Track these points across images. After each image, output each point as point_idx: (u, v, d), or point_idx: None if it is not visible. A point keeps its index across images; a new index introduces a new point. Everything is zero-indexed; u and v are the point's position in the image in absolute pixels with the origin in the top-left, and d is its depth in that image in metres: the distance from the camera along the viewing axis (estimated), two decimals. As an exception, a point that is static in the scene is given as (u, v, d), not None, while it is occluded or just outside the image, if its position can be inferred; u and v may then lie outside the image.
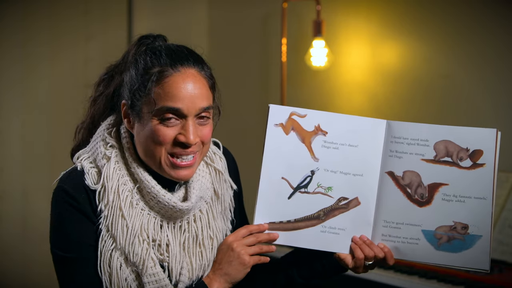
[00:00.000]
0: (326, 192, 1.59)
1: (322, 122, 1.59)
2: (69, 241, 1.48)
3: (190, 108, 1.47)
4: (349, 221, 1.58)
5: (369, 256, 1.56)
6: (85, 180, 1.49)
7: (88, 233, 1.48)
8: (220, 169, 1.65)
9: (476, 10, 2.91)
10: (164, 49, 1.51)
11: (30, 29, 3.44)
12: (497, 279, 2.42)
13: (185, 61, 1.49)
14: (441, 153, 1.56)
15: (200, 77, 1.50)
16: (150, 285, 1.49)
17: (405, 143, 1.58)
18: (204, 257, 1.57)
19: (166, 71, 1.47)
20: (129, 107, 1.50)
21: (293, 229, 1.58)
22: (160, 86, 1.46)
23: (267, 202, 1.58)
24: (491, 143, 1.55)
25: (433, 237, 1.55)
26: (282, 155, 1.59)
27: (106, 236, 1.48)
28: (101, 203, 1.48)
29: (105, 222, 1.48)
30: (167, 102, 1.46)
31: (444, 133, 1.56)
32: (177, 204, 1.51)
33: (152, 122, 1.47)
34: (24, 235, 3.43)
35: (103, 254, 1.47)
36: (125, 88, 1.52)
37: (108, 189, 1.48)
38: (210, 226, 1.59)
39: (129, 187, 1.51)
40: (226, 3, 3.91)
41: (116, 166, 1.51)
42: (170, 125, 1.46)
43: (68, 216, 1.48)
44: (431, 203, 1.56)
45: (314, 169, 1.59)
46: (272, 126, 1.59)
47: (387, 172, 1.58)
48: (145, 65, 1.49)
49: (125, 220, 1.48)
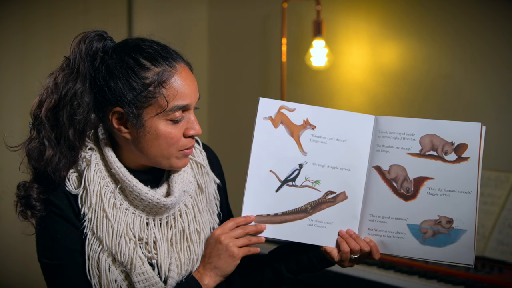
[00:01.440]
0: (313, 186, 1.60)
1: (311, 116, 1.60)
2: (55, 249, 1.48)
3: (193, 102, 1.50)
4: (336, 215, 1.59)
5: (354, 250, 1.57)
6: (66, 186, 1.49)
7: (73, 239, 1.48)
8: (201, 162, 1.65)
9: (476, 10, 2.91)
10: (151, 49, 1.48)
11: (30, 29, 3.44)
12: (497, 279, 2.42)
13: (175, 56, 1.50)
14: (426, 147, 1.57)
15: (188, 68, 1.52)
16: (140, 284, 1.49)
17: (391, 138, 1.58)
18: (192, 251, 1.57)
19: (167, 71, 1.46)
20: (126, 115, 1.46)
21: (280, 222, 1.59)
22: (167, 87, 1.46)
23: (255, 195, 1.59)
24: (476, 137, 1.55)
25: (419, 231, 1.55)
26: (270, 148, 1.60)
27: (92, 239, 1.48)
28: (83, 206, 1.48)
29: (90, 225, 1.48)
30: (178, 101, 1.47)
31: (429, 127, 1.57)
32: (161, 199, 1.52)
33: (160, 125, 1.47)
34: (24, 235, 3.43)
35: (90, 257, 1.48)
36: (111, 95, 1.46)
37: (90, 192, 1.48)
38: (196, 219, 1.59)
39: (111, 188, 1.50)
40: (226, 3, 3.91)
41: (96, 169, 1.50)
42: (180, 124, 1.49)
43: (52, 223, 1.48)
44: (416, 197, 1.56)
45: (302, 162, 1.60)
46: (261, 119, 1.61)
47: (374, 167, 1.59)
48: (138, 70, 1.45)
49: (110, 221, 1.48)
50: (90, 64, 1.49)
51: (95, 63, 1.49)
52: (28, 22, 3.43)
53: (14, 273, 3.45)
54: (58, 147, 1.49)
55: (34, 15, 3.45)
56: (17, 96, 3.43)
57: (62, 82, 1.49)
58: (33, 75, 3.41)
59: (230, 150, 1.83)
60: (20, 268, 3.46)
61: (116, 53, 1.48)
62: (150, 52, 1.47)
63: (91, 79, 1.49)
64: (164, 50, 1.49)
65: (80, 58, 1.49)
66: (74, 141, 1.50)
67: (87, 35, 1.51)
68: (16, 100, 3.43)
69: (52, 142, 1.49)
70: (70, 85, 1.48)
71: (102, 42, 1.51)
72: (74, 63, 1.49)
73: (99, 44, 1.50)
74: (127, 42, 1.51)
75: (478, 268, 2.52)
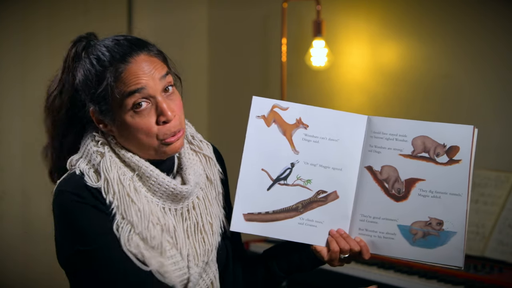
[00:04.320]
0: (305, 185, 1.59)
1: (304, 116, 1.60)
2: (88, 235, 1.47)
3: (152, 85, 1.48)
4: (327, 214, 1.58)
5: (344, 249, 1.56)
6: (86, 182, 1.50)
7: (103, 224, 1.48)
8: (209, 155, 1.66)
9: (476, 10, 2.91)
10: (106, 48, 1.51)
11: (30, 29, 3.44)
12: (497, 279, 2.42)
13: (131, 51, 1.50)
14: (418, 148, 1.56)
15: (151, 58, 1.51)
16: (169, 267, 1.49)
17: (384, 138, 1.58)
18: (207, 242, 1.57)
19: (120, 68, 1.48)
20: (99, 113, 1.51)
21: (271, 220, 1.59)
22: (119, 82, 1.48)
23: (247, 193, 1.59)
24: (468, 140, 1.54)
25: (409, 232, 1.55)
26: (262, 147, 1.60)
27: (122, 223, 1.48)
28: (108, 196, 1.49)
29: (119, 212, 1.48)
30: (129, 88, 1.47)
31: (422, 129, 1.57)
32: (177, 186, 1.53)
33: (126, 117, 1.48)
34: (24, 235, 3.43)
35: (123, 239, 1.47)
36: (83, 96, 1.53)
37: (111, 181, 1.49)
38: (208, 211, 1.60)
39: (128, 176, 1.51)
40: (226, 3, 3.91)
41: (111, 159, 1.52)
42: (145, 112, 1.48)
43: (80, 211, 1.47)
44: (407, 198, 1.56)
45: (294, 161, 1.60)
46: (254, 118, 1.61)
47: (366, 167, 1.58)
48: (96, 70, 1.49)
49: (136, 204, 1.49)
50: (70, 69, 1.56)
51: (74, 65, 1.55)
52: (28, 22, 3.43)
53: (14, 273, 3.45)
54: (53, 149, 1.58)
55: (34, 15, 3.45)
56: (17, 96, 3.44)
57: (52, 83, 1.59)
58: (33, 76, 3.41)
59: (230, 150, 1.83)
60: (20, 268, 3.47)
61: (82, 56, 1.54)
62: (103, 52, 1.50)
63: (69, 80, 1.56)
64: (120, 46, 1.51)
65: (65, 64, 1.56)
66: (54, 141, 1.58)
67: (73, 40, 1.57)
68: (16, 100, 3.44)
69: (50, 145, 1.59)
70: (54, 85, 1.58)
71: (82, 46, 1.56)
72: (64, 65, 1.57)
73: (78, 49, 1.56)
74: (90, 44, 1.56)
75: (478, 268, 2.52)
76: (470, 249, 2.62)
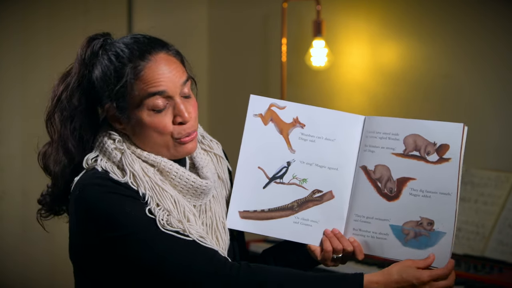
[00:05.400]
0: (301, 184, 1.60)
1: (301, 115, 1.61)
2: (122, 220, 1.45)
3: (173, 88, 1.50)
4: (322, 214, 1.58)
5: (337, 249, 1.56)
6: (112, 178, 1.49)
7: (137, 208, 1.47)
8: (220, 154, 1.68)
9: (476, 10, 2.91)
10: (125, 45, 1.52)
11: (30, 29, 3.44)
12: (497, 279, 2.42)
13: (151, 48, 1.52)
14: (410, 147, 1.55)
15: (170, 57, 1.53)
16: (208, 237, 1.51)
17: (377, 137, 1.57)
18: (220, 241, 1.58)
19: (139, 65, 1.49)
20: (116, 110, 1.51)
21: (266, 218, 1.59)
22: (139, 80, 1.49)
23: (243, 191, 1.60)
24: (458, 138, 1.52)
25: (401, 232, 1.54)
26: (259, 145, 1.61)
27: (159, 209, 1.48)
28: (139, 188, 1.49)
29: (153, 201, 1.48)
30: (150, 88, 1.48)
31: (413, 127, 1.56)
32: (197, 180, 1.54)
33: (143, 116, 1.49)
34: (24, 235, 3.43)
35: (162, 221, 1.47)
36: (100, 93, 1.53)
37: (138, 173, 1.50)
38: (221, 210, 1.61)
39: (151, 170, 1.52)
40: (226, 3, 3.91)
41: (132, 155, 1.52)
42: (163, 112, 1.50)
43: (110, 200, 1.46)
44: (399, 197, 1.54)
45: (290, 160, 1.60)
46: (251, 116, 1.62)
47: (361, 167, 1.58)
48: (115, 67, 1.50)
49: (168, 192, 1.50)
50: (87, 67, 1.55)
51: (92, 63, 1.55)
52: (28, 22, 3.43)
53: (14, 273, 3.45)
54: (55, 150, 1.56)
55: (34, 15, 3.45)
56: (17, 97, 3.44)
57: (57, 84, 1.58)
58: (33, 76, 3.41)
59: (230, 150, 1.83)
60: (20, 268, 3.47)
61: (99, 53, 1.54)
62: (123, 49, 1.51)
63: (87, 78, 1.55)
64: (139, 43, 1.52)
65: (78, 61, 1.55)
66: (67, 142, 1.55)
67: (88, 38, 1.56)
68: (16, 101, 3.44)
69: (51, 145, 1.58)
70: (62, 86, 1.56)
71: (99, 44, 1.55)
72: (74, 66, 1.56)
73: (95, 47, 1.55)
74: (107, 42, 1.56)
75: (478, 268, 2.52)
76: (470, 249, 2.62)
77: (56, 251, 3.35)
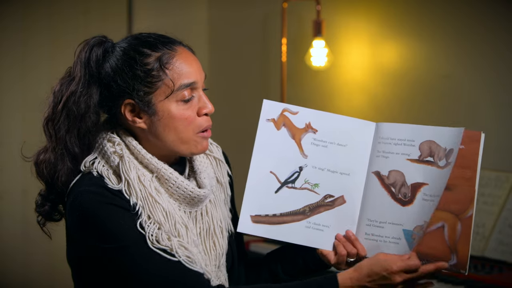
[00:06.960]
0: (312, 189, 1.60)
1: (313, 120, 1.62)
2: (114, 232, 1.44)
3: (200, 80, 1.54)
4: (334, 219, 1.59)
5: (351, 253, 1.57)
6: (107, 184, 1.48)
7: (128, 221, 1.46)
8: (220, 158, 1.68)
9: (476, 10, 2.91)
10: (149, 37, 1.53)
11: (30, 29, 3.44)
12: (497, 279, 2.42)
13: (174, 40, 1.55)
14: (425, 153, 1.57)
15: (188, 50, 1.56)
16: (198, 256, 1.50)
17: (392, 144, 1.59)
18: (218, 246, 1.58)
19: (167, 54, 1.50)
20: (137, 104, 1.49)
21: (278, 223, 1.59)
22: (170, 68, 1.50)
23: (255, 195, 1.60)
24: (456, 142, 1.54)
25: (410, 237, 1.55)
26: (271, 150, 1.61)
27: (149, 221, 1.47)
28: (131, 197, 1.47)
29: (145, 212, 1.47)
30: (183, 79, 1.50)
31: (428, 134, 1.57)
32: (195, 190, 1.53)
33: (171, 107, 1.50)
34: (24, 235, 3.43)
35: (149, 236, 1.46)
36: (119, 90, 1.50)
37: (133, 182, 1.48)
38: (218, 215, 1.61)
39: (148, 177, 1.51)
40: (226, 3, 3.91)
41: (130, 160, 1.51)
42: (190, 103, 1.52)
43: (104, 210, 1.45)
44: (413, 202, 1.56)
45: (303, 165, 1.61)
46: (264, 121, 1.62)
47: (373, 172, 1.59)
48: (139, 58, 1.49)
49: (160, 204, 1.49)
50: (93, 69, 1.52)
51: (98, 64, 1.52)
52: (28, 22, 3.43)
53: (14, 273, 3.45)
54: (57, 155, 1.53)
55: (34, 15, 3.45)
56: (17, 96, 3.44)
57: (59, 90, 1.54)
58: (33, 76, 3.41)
59: (230, 150, 1.83)
60: (20, 268, 3.47)
61: (117, 48, 1.53)
62: (149, 40, 1.52)
63: (94, 80, 1.52)
64: (161, 36, 1.54)
65: (81, 65, 1.53)
66: (74, 147, 1.52)
67: (87, 42, 1.54)
68: (16, 101, 3.44)
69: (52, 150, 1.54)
70: (65, 90, 1.53)
71: (102, 46, 1.54)
72: (74, 70, 1.53)
73: (99, 50, 1.53)
74: (126, 38, 1.56)
75: (478, 268, 2.52)
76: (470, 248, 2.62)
77: (56, 251, 3.35)
